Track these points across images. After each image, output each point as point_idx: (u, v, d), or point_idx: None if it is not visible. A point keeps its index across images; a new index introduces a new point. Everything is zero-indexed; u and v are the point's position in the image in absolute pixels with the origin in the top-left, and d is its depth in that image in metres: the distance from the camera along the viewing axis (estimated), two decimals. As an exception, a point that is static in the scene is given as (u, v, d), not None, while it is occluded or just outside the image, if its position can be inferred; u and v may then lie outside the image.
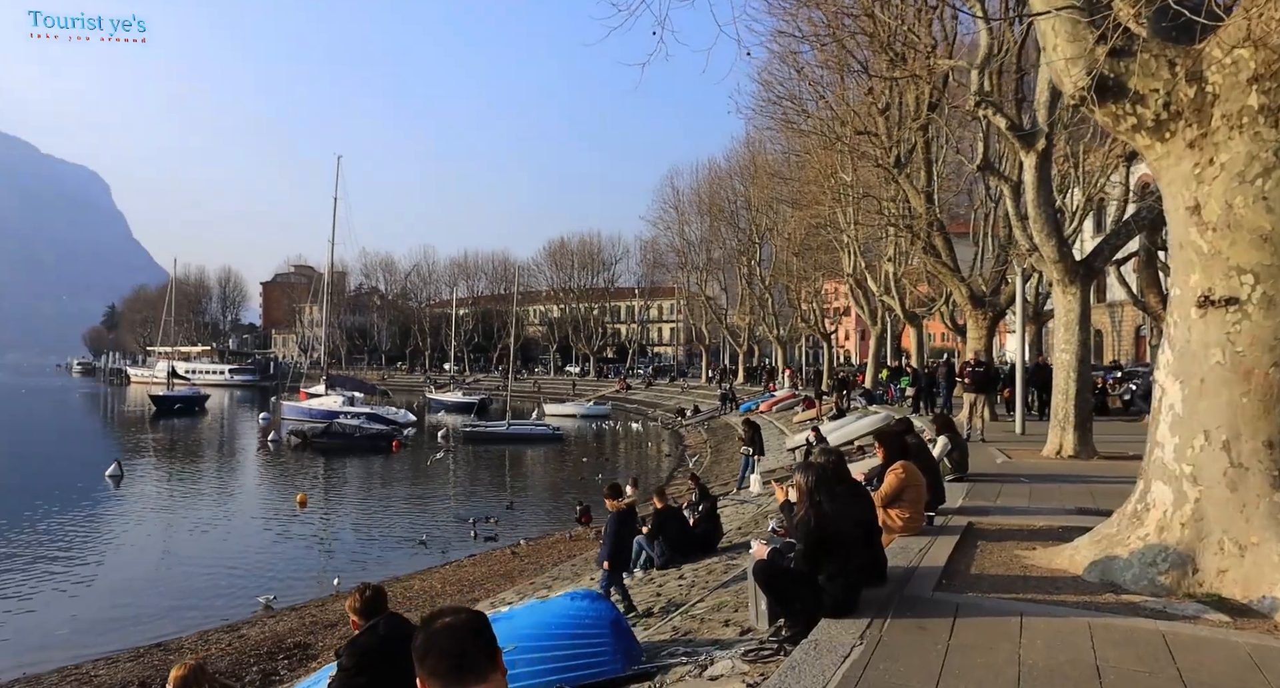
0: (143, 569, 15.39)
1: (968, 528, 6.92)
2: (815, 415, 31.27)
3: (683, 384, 67.29)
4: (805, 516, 4.42)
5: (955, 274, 21.16)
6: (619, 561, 7.95)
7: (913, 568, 5.36)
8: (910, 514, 6.43)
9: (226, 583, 14.35)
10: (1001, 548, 6.29)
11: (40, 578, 14.48)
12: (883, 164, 21.62)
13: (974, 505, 8.18)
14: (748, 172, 49.81)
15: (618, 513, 8.16)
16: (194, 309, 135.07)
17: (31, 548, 16.64)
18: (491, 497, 24.49)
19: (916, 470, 6.54)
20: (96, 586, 14.24)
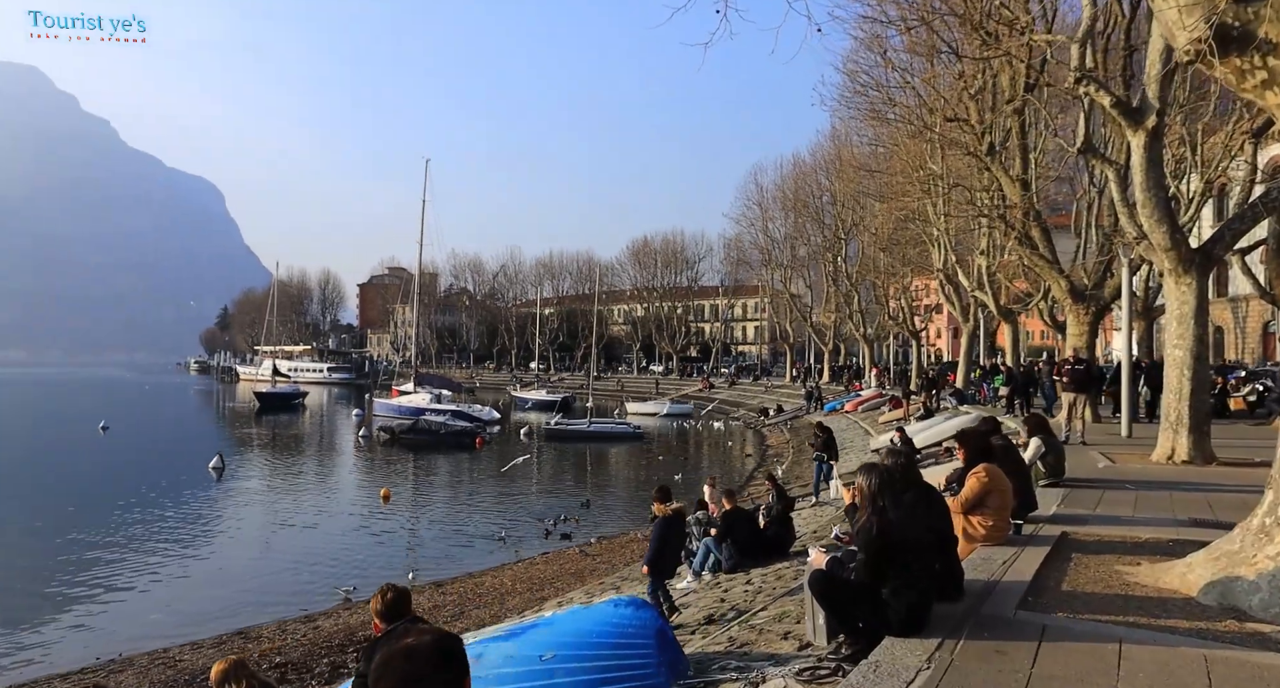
0: (234, 559, 16.00)
1: (1061, 538, 6.27)
2: (902, 416, 30.11)
3: (766, 383, 66.26)
4: (867, 522, 4.00)
5: (1054, 266, 19.84)
6: (661, 567, 7.63)
7: (994, 582, 4.83)
8: (994, 522, 5.86)
9: (309, 575, 14.74)
10: (1099, 562, 5.64)
11: (141, 566, 15.21)
12: (974, 152, 20.49)
13: (1070, 513, 7.46)
14: (833, 166, 48.56)
15: (664, 518, 7.84)
16: (296, 310, 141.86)
17: (136, 537, 17.56)
18: (570, 494, 24.53)
19: (1001, 474, 5.96)
20: (191, 574, 14.86)
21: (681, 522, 8.07)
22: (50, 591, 13.56)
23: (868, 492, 4.04)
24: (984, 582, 4.80)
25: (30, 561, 15.60)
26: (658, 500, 8.09)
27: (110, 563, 15.26)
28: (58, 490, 24.13)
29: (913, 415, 27.82)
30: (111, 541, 17.06)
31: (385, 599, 4.06)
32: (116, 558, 15.67)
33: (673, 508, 7.96)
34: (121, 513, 19.93)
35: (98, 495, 23.04)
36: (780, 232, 63.84)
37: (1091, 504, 8.11)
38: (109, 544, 16.74)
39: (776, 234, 64.28)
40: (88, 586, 13.80)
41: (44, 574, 14.46)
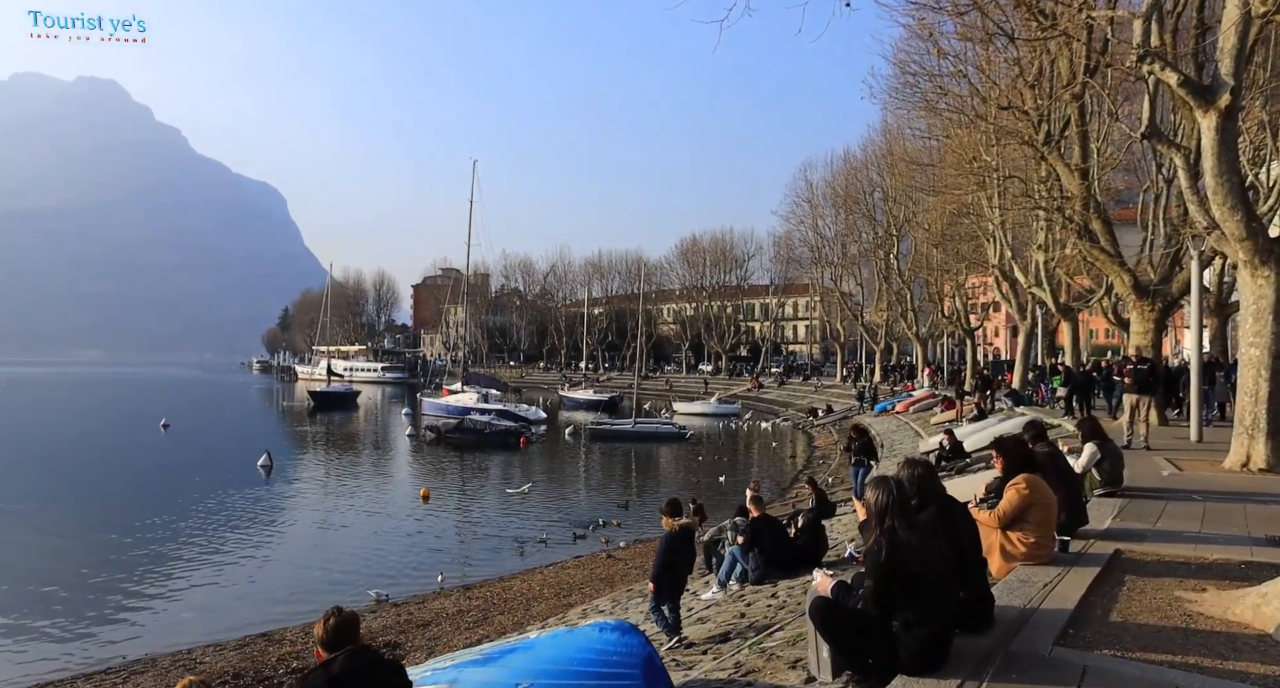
0: (270, 559, 16.05)
1: (1114, 557, 5.63)
2: (955, 417, 29.04)
3: (816, 383, 65.08)
4: (875, 544, 3.50)
5: (1116, 260, 18.72)
6: (666, 584, 7.19)
7: (1031, 611, 4.27)
8: (1035, 539, 5.27)
9: (342, 575, 14.67)
10: (1157, 587, 5.00)
11: (178, 565, 15.35)
12: (1031, 141, 19.49)
13: (1126, 528, 6.77)
14: (884, 161, 47.31)
15: (670, 534, 7.39)
16: (352, 310, 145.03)
17: (178, 536, 17.80)
18: (610, 496, 24.21)
19: (1044, 486, 5.36)
20: (226, 574, 14.90)
21: (690, 538, 7.60)
22: (86, 589, 13.74)
23: (876, 509, 3.54)
24: (1019, 610, 4.24)
25: (71, 559, 15.87)
26: (666, 515, 7.65)
27: (148, 562, 15.45)
28: (112, 489, 24.83)
29: (965, 417, 26.74)
30: (153, 539, 17.32)
31: (329, 625, 3.71)
32: (155, 557, 15.89)
33: (680, 524, 7.51)
34: (169, 512, 20.29)
35: (150, 494, 23.58)
36: (830, 229, 62.67)
37: (1152, 518, 7.38)
38: (150, 543, 17.01)
39: (826, 232, 63.11)
40: (123, 584, 13.95)
41: (83, 573, 14.69)
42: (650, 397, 76.16)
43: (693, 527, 7.74)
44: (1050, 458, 6.28)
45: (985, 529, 5.39)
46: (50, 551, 16.63)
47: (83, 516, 20.27)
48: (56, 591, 13.61)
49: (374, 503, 22.37)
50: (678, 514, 7.58)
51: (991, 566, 5.35)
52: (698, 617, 7.83)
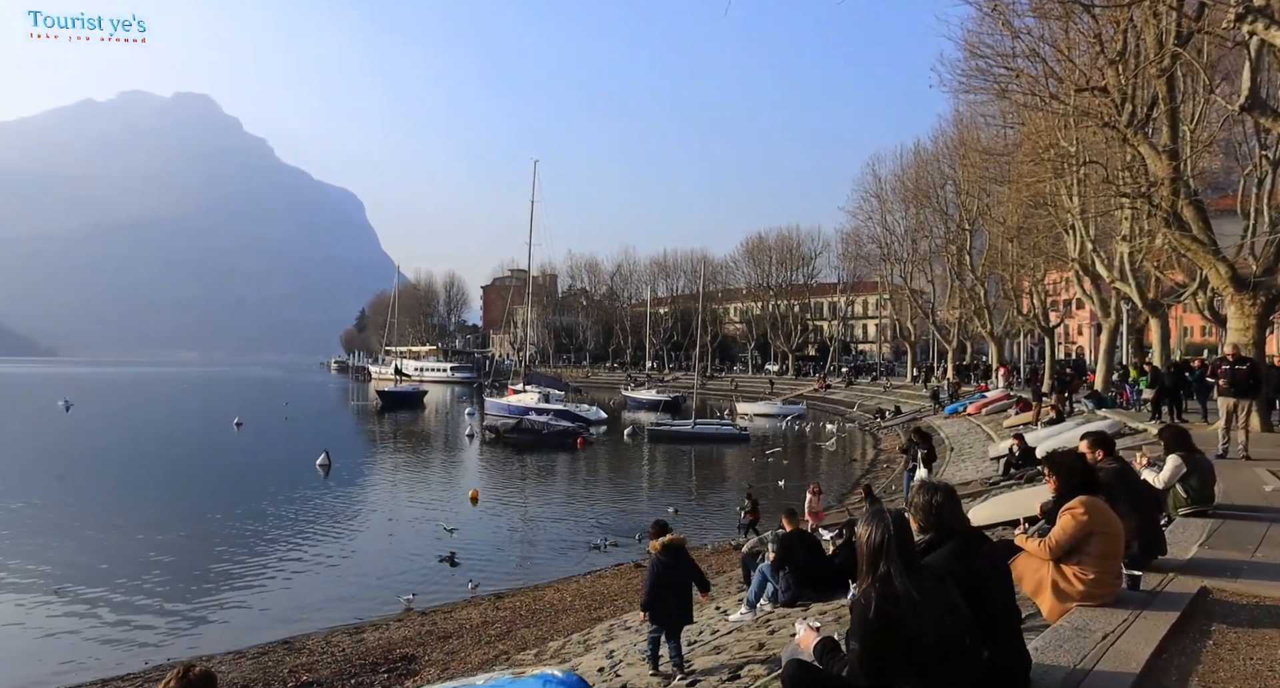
0: (309, 561, 15.92)
1: (1198, 598, 4.67)
2: (1031, 420, 27.31)
3: (885, 383, 62.97)
4: (863, 596, 2.75)
5: (1211, 250, 17.05)
6: (660, 612, 6.48)
7: (1082, 673, 3.41)
8: (1095, 574, 4.37)
9: (377, 579, 14.42)
10: (1254, 641, 4.05)
11: (221, 567, 15.32)
12: (1112, 123, 17.96)
13: (1216, 558, 5.73)
14: (955, 152, 45.22)
15: (654, 557, 6.68)
16: (424, 312, 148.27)
17: (227, 536, 17.92)
18: (662, 500, 23.54)
19: (1107, 511, 4.45)
20: (262, 577, 14.80)
21: (679, 557, 6.86)
22: (120, 589, 13.78)
23: (867, 550, 2.79)
24: (1066, 671, 3.40)
25: (112, 558, 16.05)
26: (653, 535, 6.95)
27: (187, 564, 15.43)
28: (172, 488, 25.46)
29: (1041, 420, 25.07)
30: (197, 540, 17.39)
31: (180, 682, 3.15)
32: (194, 558, 15.89)
33: (663, 542, 6.79)
34: (222, 511, 20.56)
35: (208, 494, 23.98)
36: (900, 224, 60.51)
37: (1250, 545, 6.29)
38: (193, 543, 17.11)
39: (896, 227, 60.99)
40: (158, 587, 13.95)
41: (120, 572, 14.78)
42: (715, 397, 75.21)
43: (680, 544, 6.99)
44: (1118, 475, 5.32)
45: (1035, 562, 4.52)
46: (92, 549, 16.88)
47: (135, 513, 20.70)
48: (86, 589, 13.70)
49: (423, 504, 22.25)
50: (664, 533, 6.88)
51: (1042, 606, 4.48)
52: (715, 645, 7.10)
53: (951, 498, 3.13)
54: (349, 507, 21.77)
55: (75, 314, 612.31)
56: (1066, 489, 4.52)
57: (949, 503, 3.10)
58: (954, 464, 23.82)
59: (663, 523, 7.16)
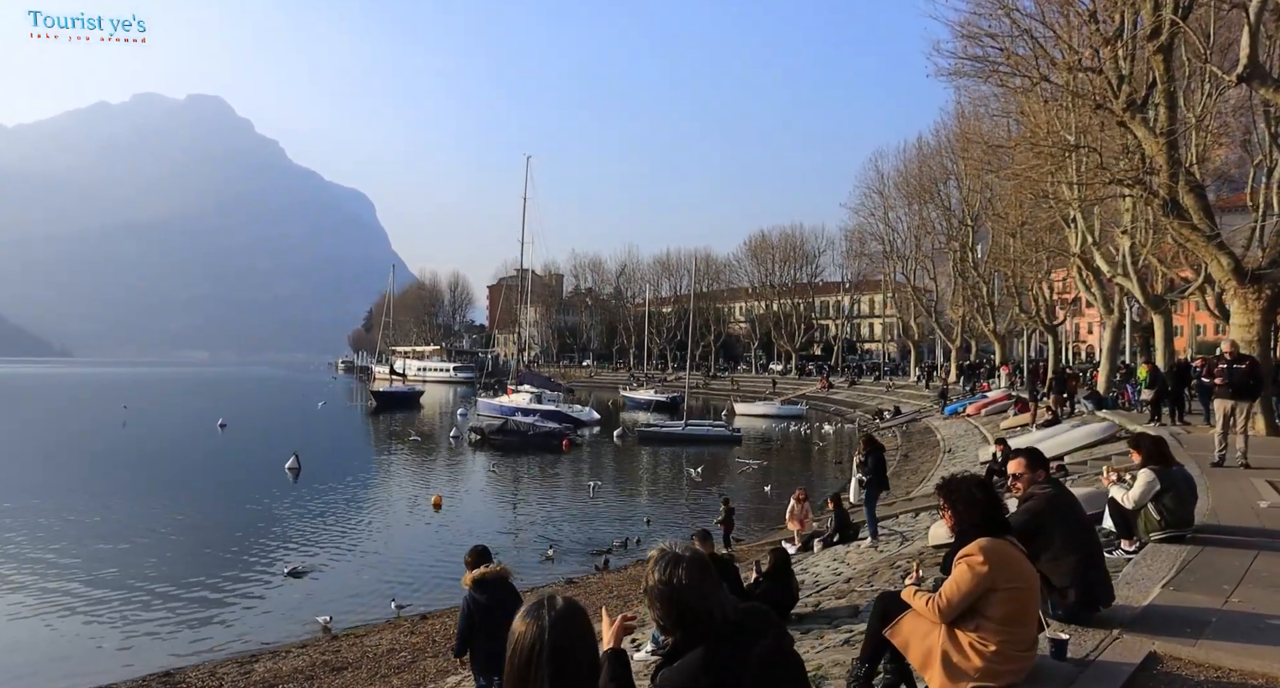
0: (245, 577, 14.89)
1: (1141, 670, 3.56)
2: (1029, 421, 26.11)
3: (888, 383, 61.69)
4: None
5: (1212, 239, 15.84)
6: (481, 659, 5.47)
7: None
8: (999, 644, 3.27)
9: (303, 598, 13.37)
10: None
11: (148, 583, 14.27)
12: (1108, 105, 16.78)
13: (1179, 606, 4.60)
14: (956, 145, 43.96)
15: (470, 593, 5.66)
16: (428, 311, 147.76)
17: (169, 548, 16.94)
18: (643, 504, 22.50)
19: (1016, 560, 3.36)
20: (193, 592, 13.73)
21: (500, 594, 5.82)
22: (74, 601, 12.84)
23: (512, 665, 1.73)
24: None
25: (69, 567, 15.14)
26: (468, 565, 5.92)
27: (113, 580, 14.30)
28: (137, 491, 24.57)
29: (1036, 423, 23.86)
30: (136, 552, 16.33)
31: None
32: (120, 576, 14.67)
33: (475, 576, 5.75)
34: (173, 520, 19.66)
35: (168, 499, 23.01)
36: (903, 221, 59.25)
37: (1225, 583, 5.15)
38: (126, 557, 16.05)
39: (899, 224, 59.73)
40: (62, 607, 12.85)
41: (71, 582, 13.86)
42: (718, 397, 74.11)
43: (503, 575, 5.94)
44: (1051, 503, 4.19)
45: (924, 625, 3.44)
46: (29, 554, 16.01)
47: (78, 520, 19.76)
48: (46, 602, 12.78)
49: (386, 511, 21.29)
50: (480, 563, 5.84)
51: (931, 684, 3.39)
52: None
53: (701, 574, 2.05)
54: (304, 515, 20.77)
55: (89, 315, 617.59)
56: (965, 528, 3.43)
57: (698, 583, 2.03)
58: (944, 469, 22.63)
59: (483, 550, 6.11)
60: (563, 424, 38.75)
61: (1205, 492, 9.13)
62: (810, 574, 10.30)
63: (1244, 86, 24.39)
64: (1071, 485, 12.69)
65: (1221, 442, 11.38)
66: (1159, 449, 6.57)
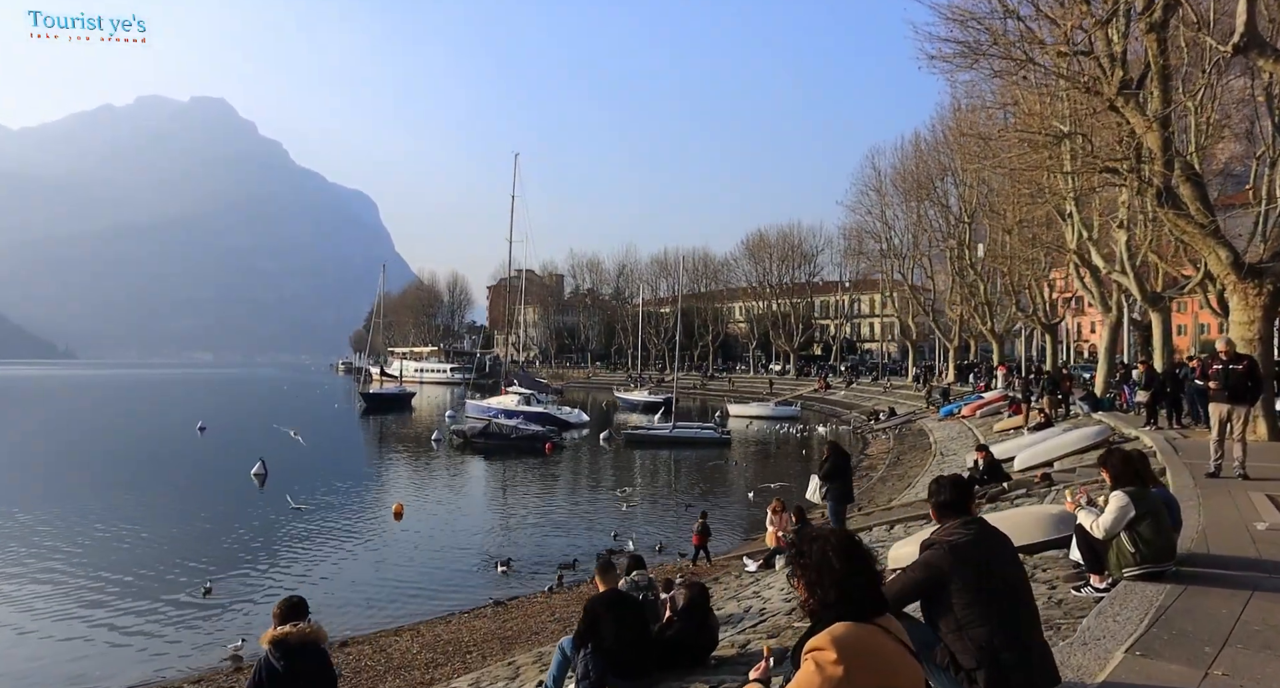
0: (180, 595, 13.89)
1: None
2: (1021, 423, 25.09)
3: (885, 384, 60.60)
4: None
5: (1209, 231, 14.79)
6: None
7: None
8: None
9: (229, 620, 12.40)
10: None
11: (69, 606, 13.31)
12: (1095, 87, 15.76)
13: (1147, 686, 3.58)
14: (953, 140, 42.87)
15: (267, 654, 4.71)
16: (427, 312, 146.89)
17: (110, 562, 15.98)
18: (616, 513, 21.47)
19: (886, 654, 2.34)
20: (117, 615, 12.77)
21: (307, 659, 4.83)
22: None
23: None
24: None
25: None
26: (276, 619, 4.93)
27: (49, 600, 13.47)
28: (94, 498, 23.64)
29: (1029, 425, 22.82)
30: (72, 570, 15.42)
31: None
32: (55, 596, 13.88)
33: (276, 636, 4.79)
34: (123, 530, 18.74)
35: (126, 507, 22.09)
36: (900, 218, 58.17)
37: (1211, 642, 4.11)
38: (64, 574, 15.12)
39: (896, 221, 58.67)
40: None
41: None
42: (715, 398, 73.12)
43: (309, 640, 4.93)
44: (958, 554, 3.13)
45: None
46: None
47: (32, 526, 18.87)
48: None
49: (341, 522, 20.26)
50: (290, 619, 4.85)
51: None
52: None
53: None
54: (257, 526, 19.77)
55: (94, 316, 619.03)
56: (816, 607, 2.41)
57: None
58: (929, 474, 21.53)
59: (296, 603, 5.10)
60: (547, 427, 37.77)
61: (1197, 509, 8.10)
62: (760, 599, 9.30)
63: (1245, 79, 23.41)
64: (1044, 501, 11.65)
65: (1217, 450, 10.34)
66: (1132, 468, 5.54)
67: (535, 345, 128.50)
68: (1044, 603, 5.57)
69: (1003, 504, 12.26)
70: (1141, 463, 5.84)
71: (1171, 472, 10.93)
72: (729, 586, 11.26)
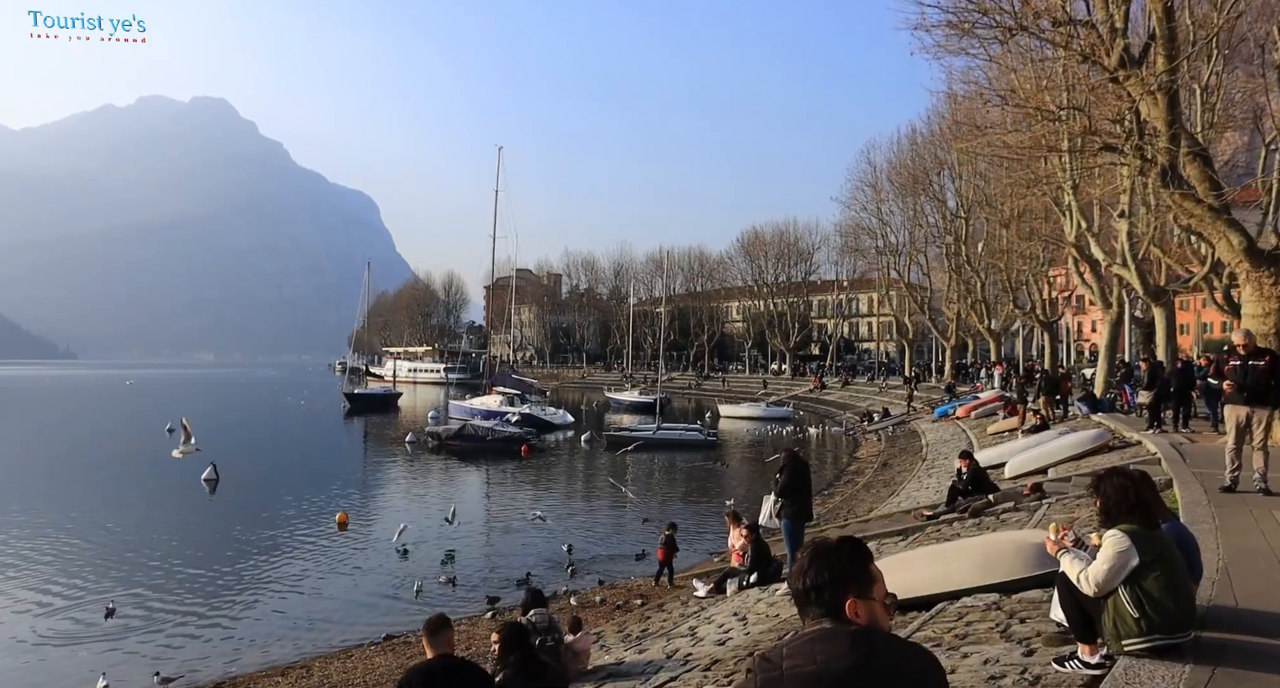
0: (79, 612, 12.53)
1: None
2: (1016, 425, 23.63)
3: (880, 383, 59.14)
4: None
5: (1219, 215, 13.35)
6: None
7: None
8: None
9: (138, 647, 11.00)
10: None
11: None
12: (1093, 56, 14.33)
13: None
14: (947, 130, 41.40)
15: None
16: (423, 312, 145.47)
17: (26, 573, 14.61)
18: (575, 524, 20.01)
19: None
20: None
21: None
22: None
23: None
24: None
25: None
26: None
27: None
28: (48, 501, 22.28)
29: (1023, 428, 21.36)
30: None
31: None
32: None
33: None
34: (56, 543, 17.32)
35: (71, 513, 20.67)
36: (896, 214, 56.76)
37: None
38: None
39: (892, 217, 57.27)
40: None
41: None
42: (710, 398, 71.72)
43: None
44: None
45: None
46: None
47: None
48: None
49: (286, 532, 18.82)
50: None
51: None
52: None
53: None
54: (190, 538, 18.39)
55: (96, 317, 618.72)
56: None
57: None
58: (917, 481, 20.08)
59: None
60: (526, 429, 36.36)
61: (1215, 535, 6.63)
62: (692, 639, 7.84)
63: (1250, 66, 21.94)
64: (1033, 517, 10.14)
65: (1234, 460, 8.88)
66: (1134, 496, 4.08)
67: (531, 345, 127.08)
68: (1014, 681, 4.12)
69: (988, 519, 10.81)
70: (1147, 488, 4.37)
71: (1179, 485, 9.48)
72: (670, 615, 9.81)
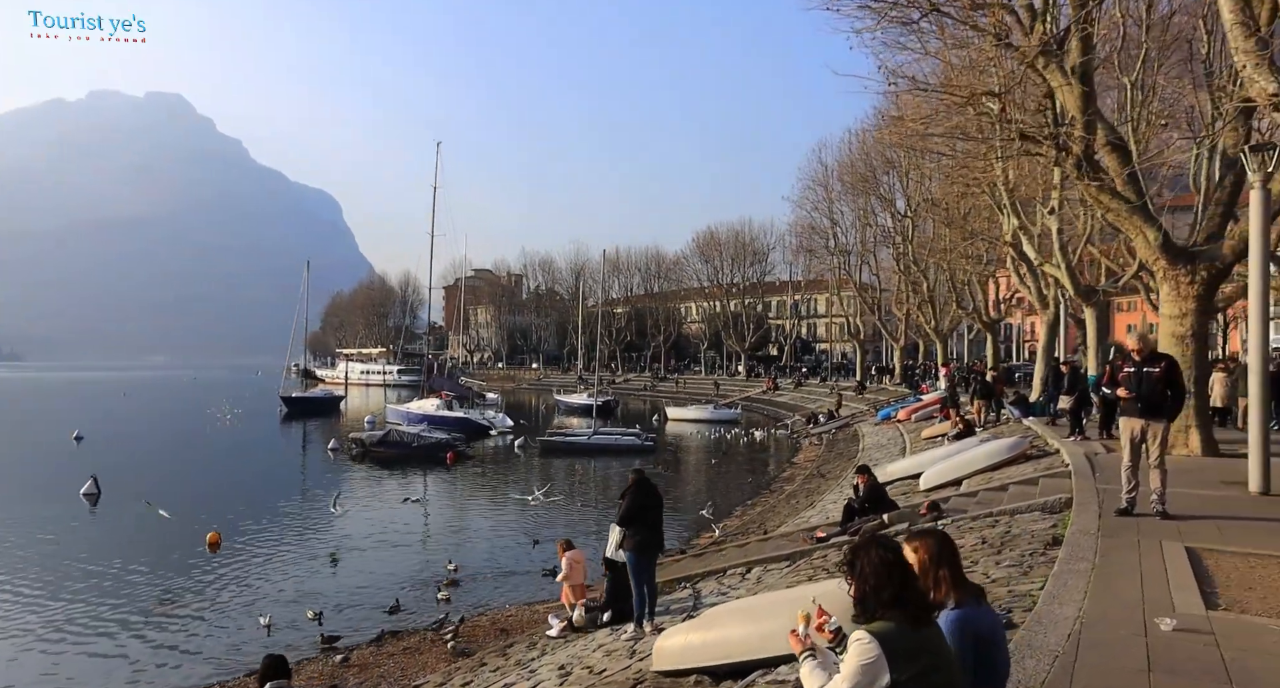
0: None
1: None
2: (950, 429, 22.71)
3: (832, 385, 58.53)
4: None
5: (1136, 208, 12.44)
6: None
7: None
8: None
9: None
10: None
11: None
12: (1004, 36, 13.41)
13: None
14: (885, 125, 40.73)
15: None
16: (378, 313, 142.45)
17: None
18: (470, 544, 18.64)
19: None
20: None
21: None
22: None
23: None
24: None
25: None
26: None
27: None
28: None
29: (949, 434, 20.46)
30: None
31: None
32: None
33: None
34: None
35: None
36: (846, 214, 56.23)
37: None
38: None
39: (842, 218, 56.74)
40: None
41: None
42: (664, 399, 70.65)
43: None
44: None
45: None
46: None
47: None
48: None
49: (149, 554, 17.19)
50: None
51: None
52: None
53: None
54: (47, 560, 16.70)
55: (43, 317, 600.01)
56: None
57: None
58: (839, 491, 18.97)
59: None
60: (454, 435, 34.86)
61: (1087, 580, 5.54)
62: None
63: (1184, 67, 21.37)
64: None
65: (1130, 479, 7.84)
66: (898, 579, 2.87)
67: (488, 347, 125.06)
68: None
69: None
70: (943, 555, 3.18)
71: (1077, 507, 8.44)
72: (506, 662, 8.50)
